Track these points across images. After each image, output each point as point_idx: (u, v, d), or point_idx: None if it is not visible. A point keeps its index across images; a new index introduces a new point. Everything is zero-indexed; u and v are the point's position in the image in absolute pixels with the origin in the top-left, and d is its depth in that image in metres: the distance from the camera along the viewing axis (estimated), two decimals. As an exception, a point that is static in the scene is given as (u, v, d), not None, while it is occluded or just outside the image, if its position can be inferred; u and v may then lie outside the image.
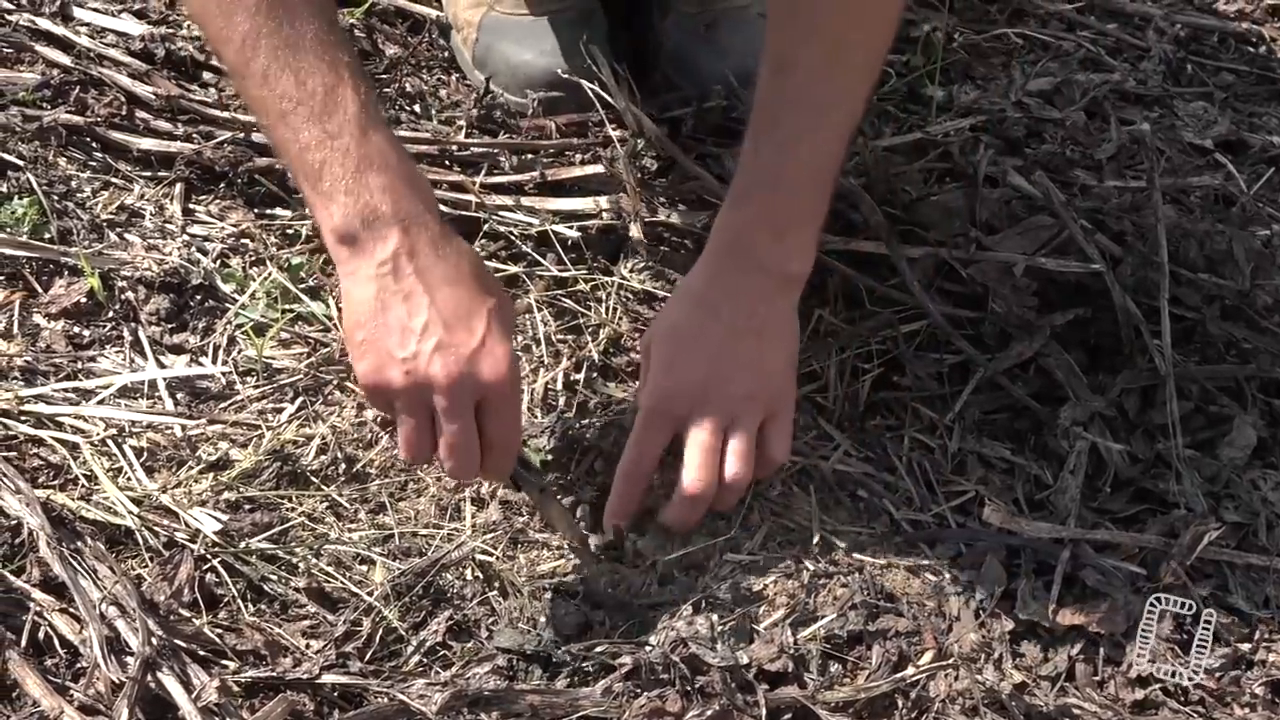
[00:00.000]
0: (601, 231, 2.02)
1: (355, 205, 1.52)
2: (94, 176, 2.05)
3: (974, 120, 2.23)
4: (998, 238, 2.00)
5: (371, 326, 1.54)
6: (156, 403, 1.82)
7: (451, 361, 1.52)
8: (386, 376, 1.55)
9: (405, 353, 1.53)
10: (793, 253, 1.74)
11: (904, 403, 1.91)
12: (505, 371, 1.55)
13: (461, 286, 1.56)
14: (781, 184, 1.71)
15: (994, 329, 1.94)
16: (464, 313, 1.54)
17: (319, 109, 1.53)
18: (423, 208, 1.56)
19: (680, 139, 2.11)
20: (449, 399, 1.54)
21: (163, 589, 1.61)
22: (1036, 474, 1.85)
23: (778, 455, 1.74)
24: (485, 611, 1.64)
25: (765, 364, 1.73)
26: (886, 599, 1.70)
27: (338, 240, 1.55)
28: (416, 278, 1.53)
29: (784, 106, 1.70)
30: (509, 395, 1.58)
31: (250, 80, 1.55)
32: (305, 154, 1.53)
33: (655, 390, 1.71)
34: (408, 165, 1.58)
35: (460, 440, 1.57)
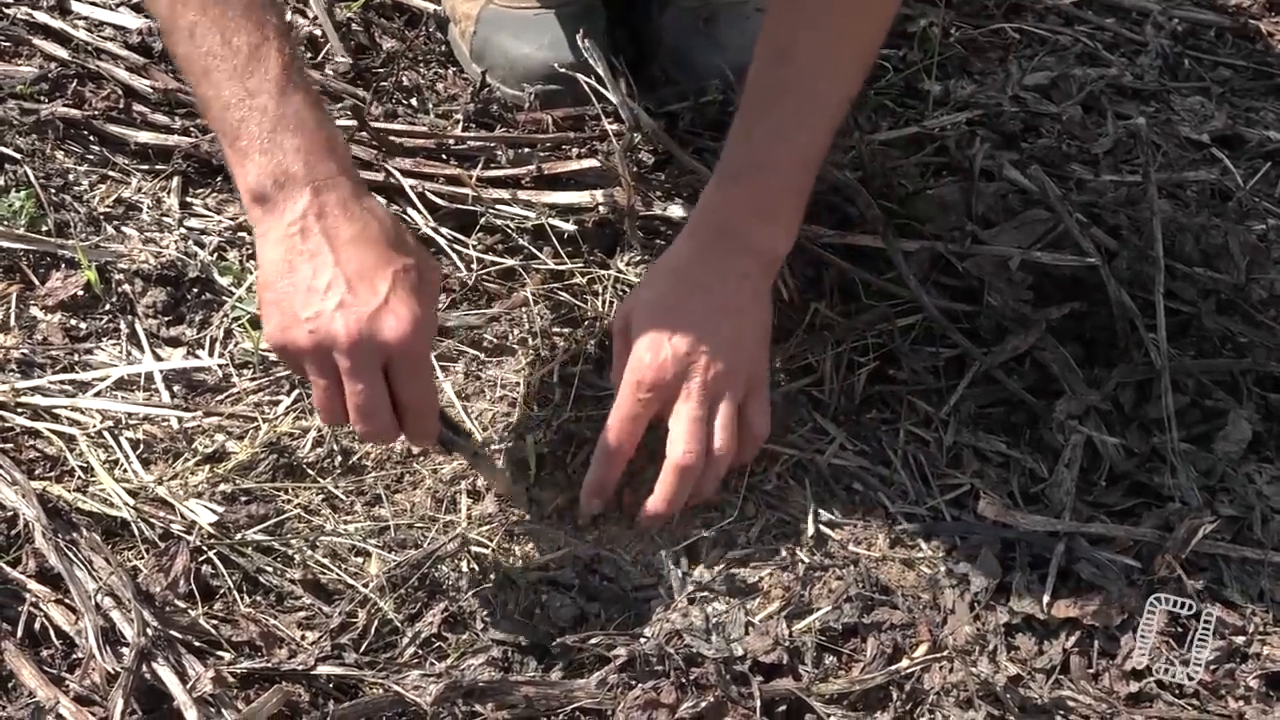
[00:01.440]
0: (598, 225, 2.02)
1: (269, 165, 1.51)
2: (91, 170, 2.05)
3: (970, 114, 2.23)
4: (993, 232, 2.00)
5: (279, 286, 1.53)
6: (153, 395, 1.82)
7: (352, 320, 1.50)
8: (291, 336, 1.53)
9: (309, 312, 1.51)
10: (779, 234, 1.75)
11: (900, 396, 1.91)
12: (408, 330, 1.52)
13: (368, 246, 1.54)
14: (775, 168, 1.73)
15: (990, 323, 1.94)
16: (368, 272, 1.52)
17: (241, 67, 1.52)
18: (336, 169, 1.54)
19: (677, 133, 2.11)
20: (350, 359, 1.52)
21: (158, 580, 1.62)
22: (1031, 467, 1.85)
23: (761, 431, 1.75)
24: (481, 603, 1.64)
25: (745, 341, 1.74)
26: (881, 591, 1.70)
27: (252, 199, 1.54)
28: (323, 237, 1.52)
29: (781, 93, 1.71)
30: (415, 355, 1.55)
31: (178, 35, 1.55)
32: (225, 112, 1.53)
33: (640, 366, 1.71)
34: (326, 128, 1.56)
35: (365, 401, 1.54)
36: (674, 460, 1.70)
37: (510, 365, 1.89)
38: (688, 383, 1.70)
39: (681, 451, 1.69)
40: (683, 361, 1.70)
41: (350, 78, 2.21)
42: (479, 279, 1.98)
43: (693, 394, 1.70)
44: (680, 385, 1.70)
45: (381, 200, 1.63)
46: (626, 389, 1.72)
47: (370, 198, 1.58)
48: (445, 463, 1.78)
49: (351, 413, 1.55)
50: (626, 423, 1.72)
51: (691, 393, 1.70)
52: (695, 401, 1.70)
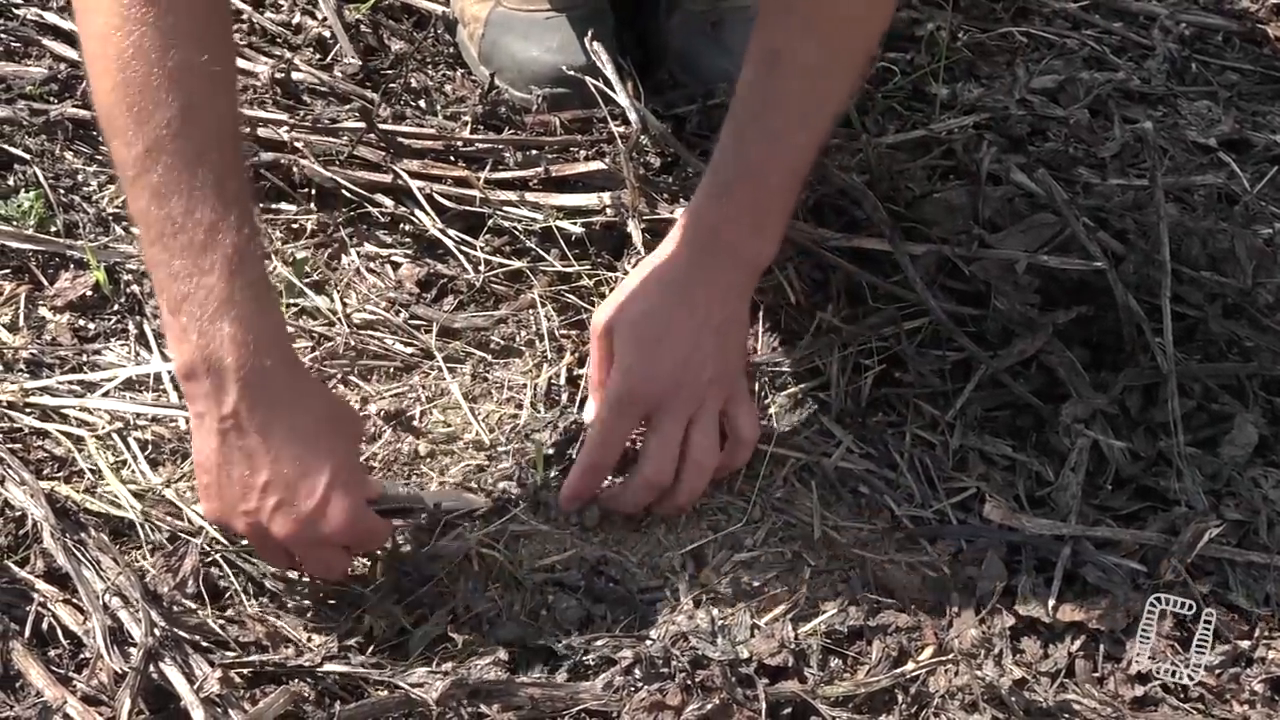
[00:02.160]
0: (605, 227, 2.02)
1: (204, 350, 1.49)
2: (100, 170, 2.05)
3: (978, 118, 2.22)
4: (1000, 235, 2.00)
5: (216, 474, 1.54)
6: (161, 396, 1.82)
7: (291, 521, 1.53)
8: (230, 522, 1.56)
9: (247, 505, 1.53)
10: (767, 244, 1.75)
11: (906, 399, 1.91)
12: (344, 524, 1.54)
13: (303, 445, 1.53)
14: (765, 177, 1.72)
15: (996, 326, 1.94)
16: (305, 471, 1.52)
17: (200, 243, 1.48)
18: (270, 363, 1.51)
19: (684, 135, 2.11)
20: (294, 549, 1.58)
21: (166, 581, 1.62)
22: (1038, 471, 1.85)
23: (749, 434, 1.76)
24: (487, 605, 1.64)
25: (728, 351, 1.74)
26: (887, 594, 1.70)
27: (183, 376, 1.53)
28: (259, 436, 1.51)
29: (773, 101, 1.70)
30: (356, 536, 1.59)
31: (141, 190, 1.50)
32: (172, 282, 1.49)
33: (626, 378, 1.71)
34: (269, 316, 1.54)
35: (317, 567, 1.62)
36: (644, 475, 1.71)
37: (517, 367, 1.90)
38: (673, 397, 1.70)
39: (653, 470, 1.71)
40: (670, 377, 1.70)
41: (359, 79, 2.21)
42: (486, 281, 1.98)
43: (673, 409, 1.70)
44: (664, 398, 1.70)
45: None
46: (612, 402, 1.72)
47: (302, 380, 1.58)
48: (453, 464, 1.78)
49: (306, 568, 1.63)
50: (610, 434, 1.73)
51: (673, 408, 1.70)
52: (674, 420, 1.71)
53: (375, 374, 1.88)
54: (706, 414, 1.72)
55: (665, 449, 1.71)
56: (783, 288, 1.96)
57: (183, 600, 1.61)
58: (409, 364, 1.90)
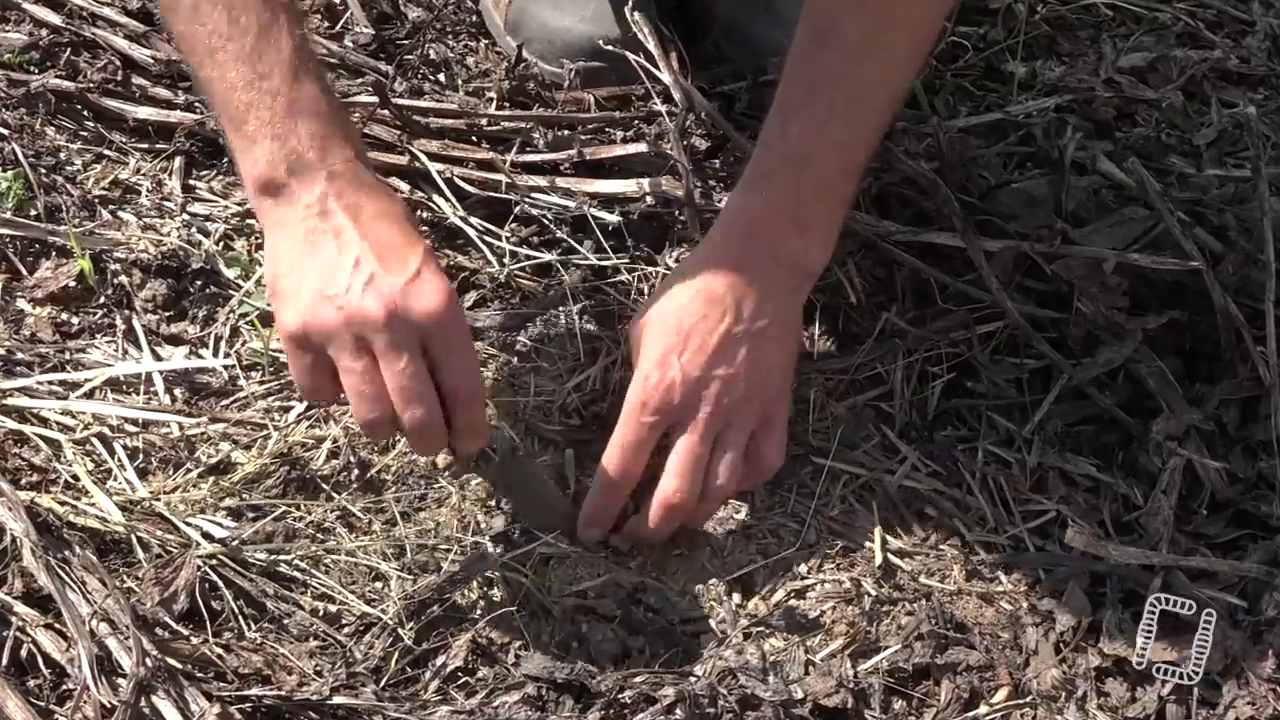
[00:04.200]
0: (645, 217, 2.02)
1: (282, 151, 1.53)
2: (85, 148, 2.06)
3: (1059, 100, 2.22)
4: (1085, 230, 2.00)
5: (301, 268, 1.54)
6: (151, 398, 1.83)
7: (386, 293, 1.51)
8: (317, 317, 1.53)
9: (336, 288, 1.52)
10: (813, 246, 1.74)
11: (978, 412, 1.91)
12: (445, 303, 1.53)
13: (394, 223, 1.56)
14: (810, 167, 1.71)
15: (1080, 332, 1.94)
16: (397, 246, 1.54)
17: (250, 48, 1.54)
18: (353, 154, 1.57)
19: (733, 115, 2.11)
20: (388, 334, 1.51)
21: (158, 604, 1.62)
22: (1125, 493, 1.85)
23: (772, 461, 1.76)
24: (512, 635, 1.64)
25: (766, 366, 1.73)
26: (957, 629, 1.70)
27: (260, 189, 1.56)
28: (346, 214, 1.54)
29: (820, 81, 1.70)
30: (456, 329, 1.56)
31: (179, 13, 1.56)
32: (231, 94, 1.54)
33: (646, 387, 1.71)
34: (340, 114, 1.59)
35: (410, 381, 1.53)
36: (663, 496, 1.71)
37: (546, 371, 1.90)
38: (695, 411, 1.70)
39: (672, 490, 1.71)
40: (692, 386, 1.70)
41: (372, 50, 2.22)
42: (512, 275, 1.98)
43: (698, 425, 1.70)
44: (687, 411, 1.70)
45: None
46: (629, 411, 1.72)
47: (386, 185, 1.60)
48: (473, 478, 1.78)
49: (396, 400, 1.54)
50: (629, 449, 1.72)
51: (696, 423, 1.70)
52: (698, 435, 1.70)
53: (388, 377, 1.88)
54: (734, 434, 1.72)
55: (684, 469, 1.70)
56: (842, 286, 1.96)
57: (176, 626, 1.61)
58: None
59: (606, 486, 1.73)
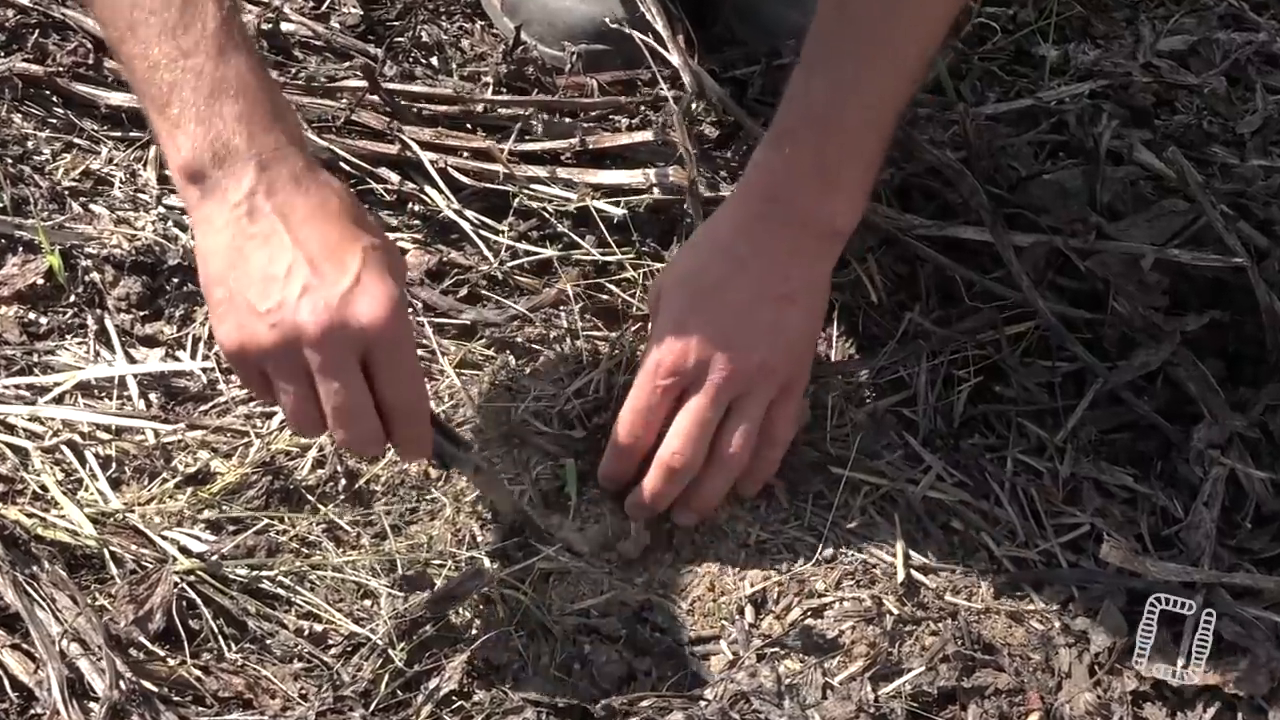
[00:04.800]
0: (651, 210, 2.03)
1: (206, 137, 1.50)
2: (54, 136, 2.06)
3: (1094, 85, 2.23)
4: (1122, 224, 2.00)
5: (230, 279, 1.50)
6: (125, 404, 1.83)
7: (320, 305, 1.47)
8: (250, 334, 1.50)
9: (269, 302, 1.48)
10: (840, 207, 1.74)
11: (1007, 418, 1.91)
12: (387, 312, 1.49)
13: (329, 221, 1.52)
14: (835, 125, 1.71)
15: (1115, 332, 1.94)
16: (333, 249, 1.50)
17: (173, 22, 1.50)
18: (285, 139, 1.53)
19: (746, 102, 2.11)
20: (323, 351, 1.49)
21: (132, 623, 1.62)
22: (1163, 505, 1.85)
23: (782, 432, 1.77)
24: (510, 656, 1.65)
25: (789, 333, 1.74)
26: (984, 650, 1.70)
27: (186, 178, 1.52)
28: (276, 216, 1.50)
29: (845, 38, 1.70)
30: (397, 342, 1.53)
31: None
32: (154, 73, 1.51)
33: (662, 349, 1.72)
34: (270, 92, 1.55)
35: (346, 401, 1.51)
36: (661, 458, 1.73)
37: (545, 375, 1.90)
38: (710, 374, 1.71)
39: (670, 451, 1.72)
40: (708, 349, 1.71)
41: (360, 32, 2.22)
42: (510, 272, 1.98)
43: (710, 388, 1.71)
44: (701, 375, 1.71)
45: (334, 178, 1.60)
46: (643, 373, 1.74)
47: (324, 172, 1.57)
48: (467, 489, 1.79)
49: (329, 417, 1.53)
50: (641, 414, 1.74)
51: (709, 386, 1.71)
52: (708, 398, 1.71)
53: (378, 380, 1.88)
54: (751, 403, 1.73)
55: (689, 430, 1.71)
56: (861, 284, 1.96)
57: (152, 646, 1.61)
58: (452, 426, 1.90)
59: (618, 450, 1.75)
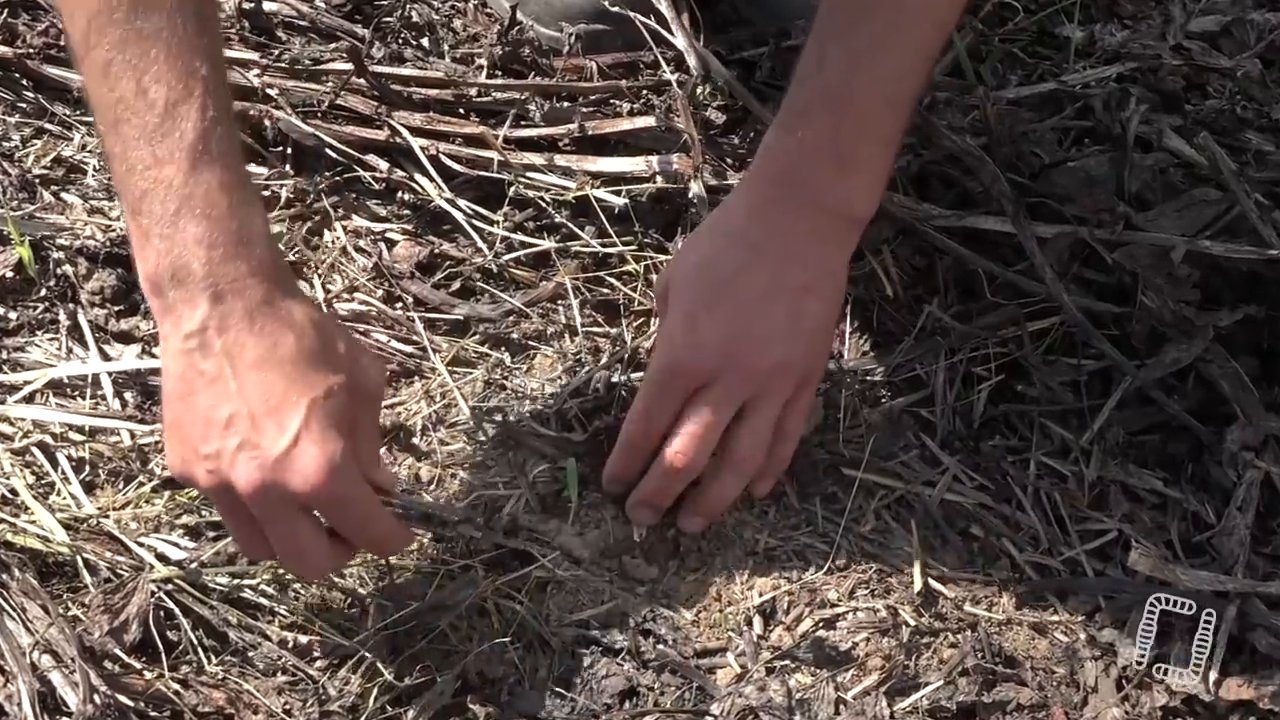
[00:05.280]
0: (654, 199, 2.03)
1: (167, 255, 1.50)
2: (24, 121, 2.06)
3: (1121, 68, 2.22)
4: (1151, 214, 2.00)
5: (178, 409, 1.53)
6: (99, 403, 1.83)
7: (254, 468, 1.49)
8: (192, 472, 1.53)
9: (208, 448, 1.51)
10: (858, 191, 1.74)
11: (1030, 418, 1.92)
12: (321, 478, 1.50)
13: (277, 371, 1.52)
14: (851, 102, 1.71)
15: (1144, 328, 1.94)
16: (275, 405, 1.51)
17: (153, 126, 1.50)
18: (245, 269, 1.52)
19: (754, 85, 2.12)
20: (258, 508, 1.52)
21: (107, 634, 1.62)
22: (1195, 510, 1.85)
23: (795, 428, 1.77)
24: (506, 669, 1.65)
25: (807, 326, 1.74)
26: (1006, 663, 1.70)
27: (150, 290, 1.53)
28: (224, 358, 1.51)
29: (859, 8, 1.70)
30: (337, 500, 1.54)
31: (91, 70, 1.52)
32: (130, 176, 1.51)
33: (671, 344, 1.72)
34: (239, 215, 1.53)
35: (290, 548, 1.55)
36: (664, 455, 1.72)
37: (542, 372, 1.90)
38: (723, 373, 1.71)
39: (673, 450, 1.72)
40: (722, 346, 1.71)
41: (346, 11, 2.23)
42: (504, 265, 1.99)
43: (721, 387, 1.71)
44: (715, 373, 1.71)
45: (308, 295, 1.60)
46: (652, 372, 1.74)
47: (289, 299, 1.56)
48: (462, 492, 1.79)
49: (277, 552, 1.56)
50: (649, 414, 1.74)
51: (722, 386, 1.71)
52: (721, 398, 1.71)
53: (366, 379, 1.88)
54: (764, 403, 1.73)
55: (695, 430, 1.71)
56: (876, 276, 1.96)
57: (128, 658, 1.62)
58: (406, 367, 1.90)
59: (626, 449, 1.76)
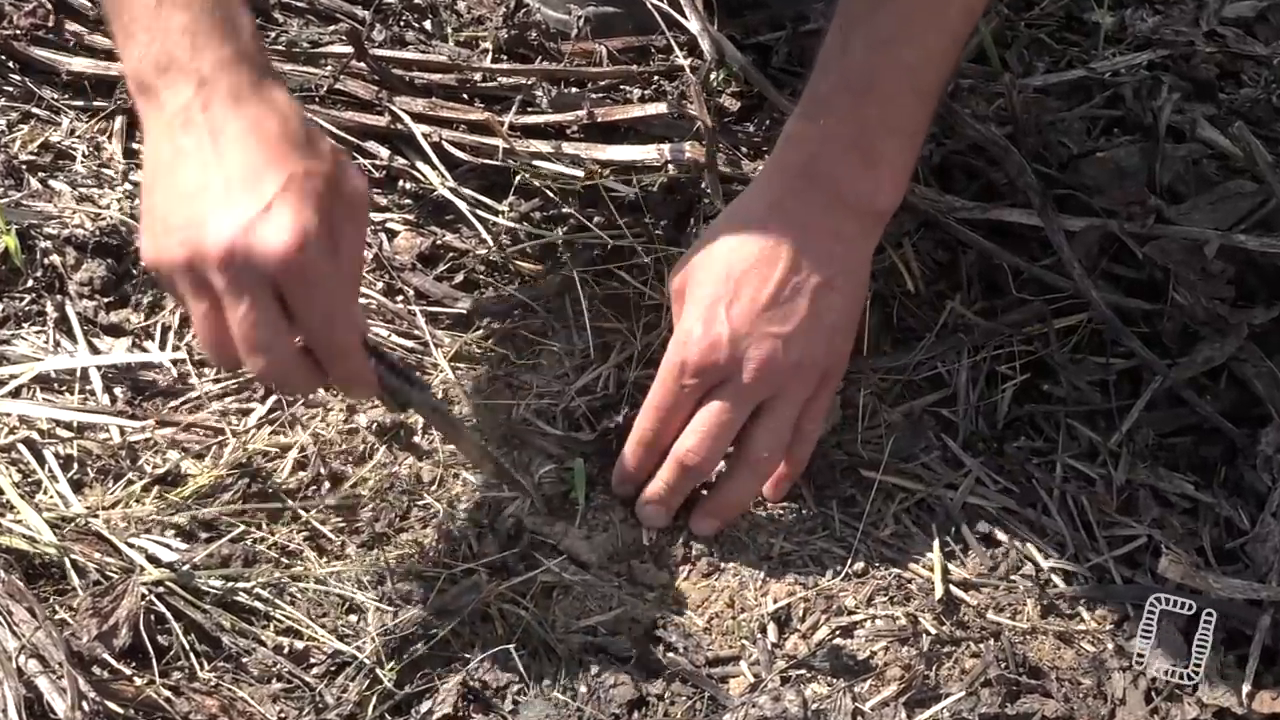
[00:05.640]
0: (666, 189, 2.03)
1: (151, 47, 1.52)
2: (10, 105, 2.07)
3: (1153, 55, 2.23)
4: (1183, 207, 2.00)
5: (156, 191, 1.53)
6: (88, 398, 1.83)
7: (225, 229, 1.47)
8: (163, 250, 1.51)
9: (180, 219, 1.50)
10: (882, 183, 1.74)
11: (1056, 419, 1.92)
12: (292, 245, 1.47)
13: (258, 143, 1.52)
14: (875, 90, 1.71)
15: (1176, 326, 1.94)
16: (253, 173, 1.50)
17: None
18: (230, 53, 1.53)
19: (770, 70, 2.11)
20: (226, 275, 1.48)
21: (96, 638, 1.62)
22: (1228, 516, 1.85)
23: (813, 428, 1.78)
24: (510, 678, 1.65)
25: (828, 323, 1.74)
26: (1030, 674, 1.70)
27: (135, 88, 1.55)
28: (206, 133, 1.51)
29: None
30: (308, 277, 1.50)
31: None
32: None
33: (688, 344, 1.72)
34: (223, 4, 1.54)
35: (251, 329, 1.50)
36: (674, 453, 1.73)
37: (549, 369, 1.90)
38: (741, 373, 1.71)
39: (685, 448, 1.73)
40: (739, 343, 1.71)
41: (346, -8, 2.23)
42: (510, 257, 1.99)
43: (737, 386, 1.71)
44: (731, 373, 1.71)
45: (289, 94, 1.59)
46: (666, 370, 1.74)
47: (276, 89, 1.56)
48: (464, 493, 1.79)
49: (239, 347, 1.52)
50: (662, 414, 1.74)
51: (739, 386, 1.71)
52: (736, 397, 1.72)
53: (365, 375, 1.88)
54: (782, 403, 1.73)
55: (709, 428, 1.72)
56: (897, 270, 1.96)
57: (117, 664, 1.61)
58: (407, 363, 1.90)
59: (638, 447, 1.76)
